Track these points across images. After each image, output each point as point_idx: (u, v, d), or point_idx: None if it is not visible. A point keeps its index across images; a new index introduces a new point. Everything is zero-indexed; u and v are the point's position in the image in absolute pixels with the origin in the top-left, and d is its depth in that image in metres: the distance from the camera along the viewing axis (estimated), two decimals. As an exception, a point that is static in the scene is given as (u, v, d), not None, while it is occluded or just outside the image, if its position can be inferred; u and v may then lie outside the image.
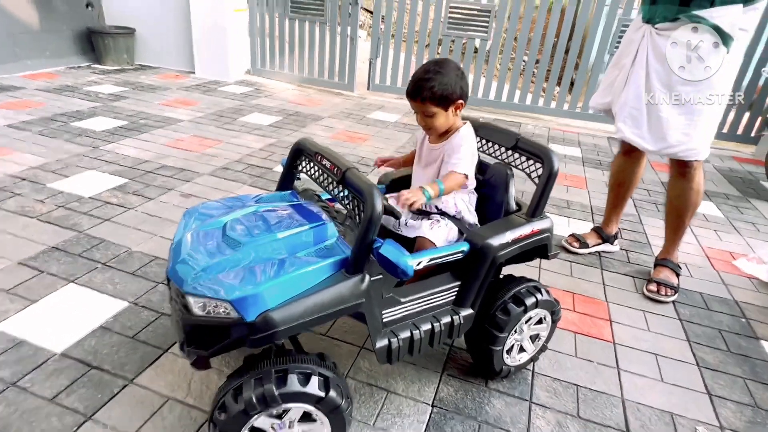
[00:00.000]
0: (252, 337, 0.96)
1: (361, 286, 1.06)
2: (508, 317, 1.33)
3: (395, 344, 1.18)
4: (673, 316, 1.90)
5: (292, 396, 0.99)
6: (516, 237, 1.31)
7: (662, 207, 2.96)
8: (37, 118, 3.35)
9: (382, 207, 1.02)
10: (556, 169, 1.34)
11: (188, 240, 1.13)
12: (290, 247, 1.09)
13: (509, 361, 1.44)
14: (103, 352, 1.43)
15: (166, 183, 2.56)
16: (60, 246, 1.91)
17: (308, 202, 1.29)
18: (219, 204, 1.28)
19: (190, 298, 0.99)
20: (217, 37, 4.96)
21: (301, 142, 1.31)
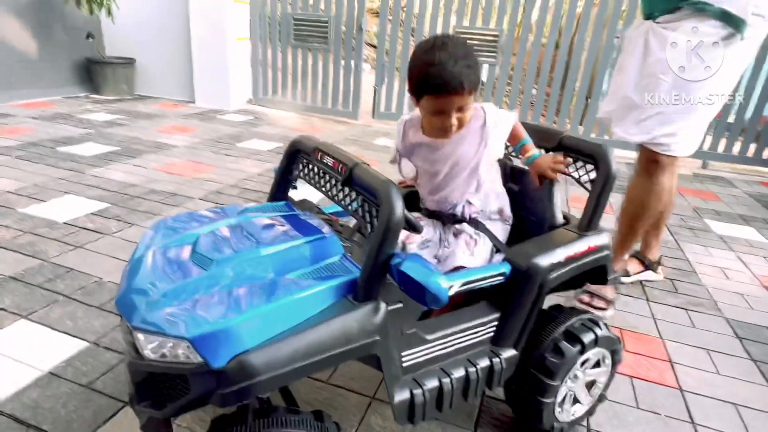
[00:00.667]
0: (221, 391, 0.67)
1: (375, 318, 0.78)
2: (562, 359, 1.03)
3: (419, 397, 0.88)
4: (743, 355, 1.59)
5: None
6: (569, 255, 1.03)
7: (699, 232, 2.69)
8: (21, 143, 3.14)
9: (402, 210, 0.75)
10: (615, 170, 1.08)
11: (148, 259, 0.86)
12: (279, 265, 0.82)
13: (561, 416, 1.13)
14: (46, 406, 1.13)
15: (152, 208, 2.31)
16: (18, 276, 1.64)
17: (306, 213, 1.03)
18: (194, 215, 1.02)
19: (140, 335, 0.71)
20: (218, 67, 4.84)
21: (297, 140, 1.06)
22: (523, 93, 4.58)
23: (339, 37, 4.72)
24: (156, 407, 0.73)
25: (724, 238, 2.63)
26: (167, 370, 0.69)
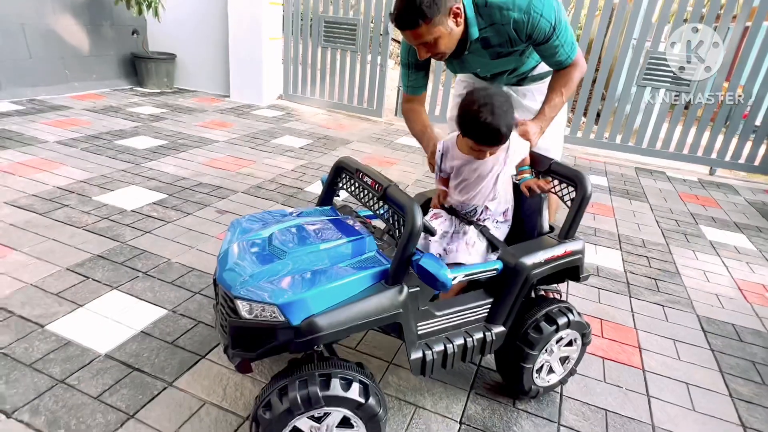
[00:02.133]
0: (296, 340, 1.01)
1: (400, 296, 1.10)
2: (541, 335, 1.35)
3: (429, 356, 1.21)
4: (705, 346, 1.88)
5: (334, 399, 1.03)
6: (549, 257, 1.34)
7: (692, 237, 2.94)
8: (84, 135, 3.54)
9: (422, 221, 1.07)
10: (590, 192, 1.37)
11: (235, 249, 1.19)
12: (332, 257, 1.15)
13: (539, 381, 1.45)
14: (144, 355, 1.49)
15: (202, 199, 2.67)
16: (104, 255, 2.01)
17: (347, 217, 1.35)
18: (263, 216, 1.35)
19: (239, 301, 1.04)
20: (252, 64, 5.18)
21: (342, 160, 1.38)
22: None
23: (366, 40, 5.00)
24: (247, 351, 1.07)
25: (713, 244, 2.88)
26: (261, 325, 1.02)
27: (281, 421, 1.02)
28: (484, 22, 1.44)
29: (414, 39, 1.39)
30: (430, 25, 1.33)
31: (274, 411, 1.01)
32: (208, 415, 1.31)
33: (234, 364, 1.10)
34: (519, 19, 1.40)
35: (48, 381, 1.36)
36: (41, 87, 4.56)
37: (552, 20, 1.42)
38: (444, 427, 1.36)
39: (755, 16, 4.10)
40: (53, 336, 1.53)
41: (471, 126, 1.28)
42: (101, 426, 1.23)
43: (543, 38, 1.45)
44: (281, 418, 1.01)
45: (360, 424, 1.08)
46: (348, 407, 1.05)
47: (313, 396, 1.01)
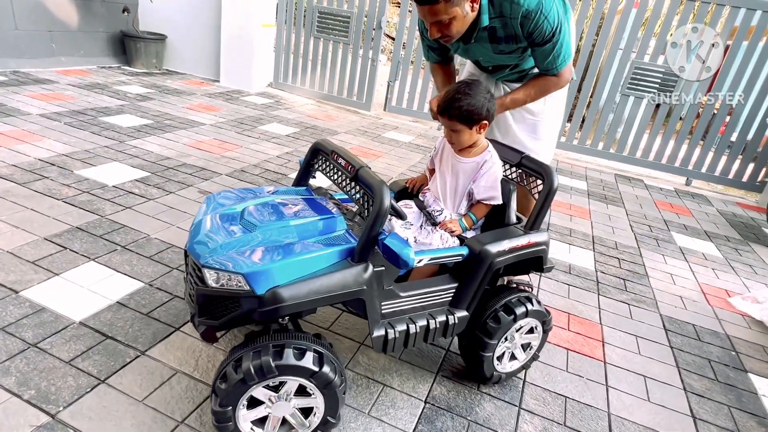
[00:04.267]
0: (260, 309, 1.04)
1: (364, 274, 1.14)
2: (498, 325, 1.40)
3: (391, 335, 1.25)
4: (665, 343, 1.96)
5: (288, 368, 1.06)
6: (513, 246, 1.39)
7: (662, 242, 3.04)
8: (68, 110, 3.51)
9: (389, 203, 1.11)
10: (556, 185, 1.43)
11: (207, 221, 1.22)
12: (301, 233, 1.18)
13: (500, 367, 1.50)
14: (118, 325, 1.51)
15: (186, 179, 2.68)
16: (83, 227, 2.02)
17: (321, 198, 1.39)
18: (238, 192, 1.38)
19: (206, 270, 1.07)
20: (243, 50, 5.17)
21: (319, 142, 1.41)
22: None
23: (359, 32, 5.03)
24: (213, 320, 1.10)
25: (683, 250, 2.98)
26: (226, 294, 1.05)
27: (237, 391, 1.05)
28: (494, 11, 1.49)
29: (430, 16, 1.43)
30: (449, 4, 1.39)
31: (230, 381, 1.04)
32: (179, 383, 1.33)
33: (199, 332, 1.14)
34: (526, 15, 1.45)
35: (20, 344, 1.37)
36: (26, 59, 4.49)
37: (554, 25, 1.47)
38: (409, 405, 1.41)
39: (735, 35, 4.24)
40: (27, 302, 1.54)
41: (444, 99, 1.41)
42: (72, 389, 1.25)
43: (541, 40, 1.50)
44: (236, 388, 1.04)
45: (317, 392, 1.11)
46: (302, 376, 1.08)
47: (266, 365, 1.04)
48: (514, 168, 1.57)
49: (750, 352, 1.99)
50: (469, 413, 1.42)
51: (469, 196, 1.51)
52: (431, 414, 1.39)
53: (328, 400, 1.13)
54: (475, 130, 1.43)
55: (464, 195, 1.52)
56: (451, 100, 1.39)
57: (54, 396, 1.22)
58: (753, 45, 4.16)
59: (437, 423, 1.36)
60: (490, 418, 1.41)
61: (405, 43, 5.03)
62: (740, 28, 4.17)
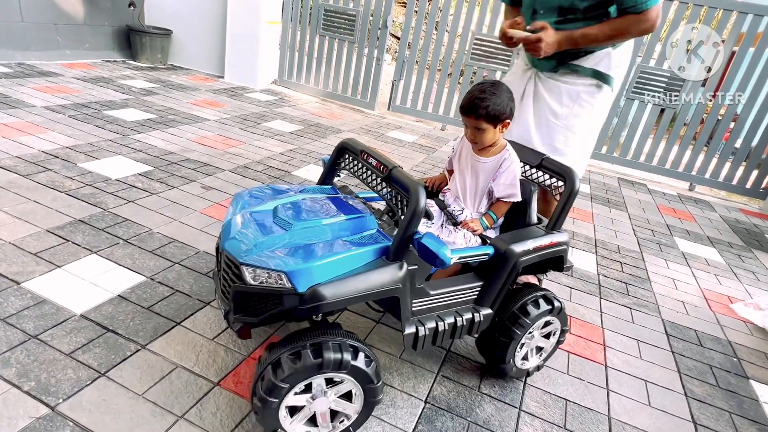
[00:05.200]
0: (301, 307, 1.04)
1: (400, 273, 1.15)
2: (538, 309, 1.43)
3: (422, 332, 1.26)
4: (666, 348, 1.95)
5: (357, 371, 1.10)
6: (536, 246, 1.41)
7: (665, 247, 3.03)
8: (72, 103, 3.51)
9: (425, 203, 1.11)
10: (578, 188, 1.44)
11: (239, 220, 1.21)
12: (335, 232, 1.19)
13: (517, 357, 1.50)
14: (119, 318, 1.51)
15: (189, 174, 2.67)
16: (86, 220, 2.01)
17: (347, 197, 1.39)
18: (266, 189, 1.37)
19: (245, 268, 1.06)
20: (248, 46, 5.17)
21: (346, 141, 1.41)
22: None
23: (365, 31, 5.02)
24: (250, 317, 1.10)
25: (685, 255, 2.97)
26: (267, 291, 1.05)
27: (306, 373, 1.05)
28: None
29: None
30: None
31: (305, 362, 1.04)
32: (179, 378, 1.33)
33: (235, 329, 1.13)
34: None
35: (21, 335, 1.36)
36: (31, 52, 4.49)
37: None
38: (409, 405, 1.40)
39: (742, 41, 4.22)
40: (29, 293, 1.53)
41: (468, 99, 1.41)
42: (72, 381, 1.25)
43: None
44: (308, 370, 1.05)
45: (360, 401, 1.14)
46: (361, 382, 1.12)
47: (345, 361, 1.06)
48: (535, 169, 1.58)
49: (752, 359, 1.98)
50: (469, 414, 1.41)
51: (488, 195, 1.53)
52: (431, 414, 1.38)
53: (364, 411, 1.18)
54: (499, 129, 1.45)
55: (484, 194, 1.53)
56: (477, 99, 1.40)
57: (54, 388, 1.22)
58: (759, 51, 4.14)
59: (437, 423, 1.36)
60: (490, 420, 1.41)
61: (410, 42, 5.03)
62: (747, 34, 4.16)
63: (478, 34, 4.75)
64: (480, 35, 4.75)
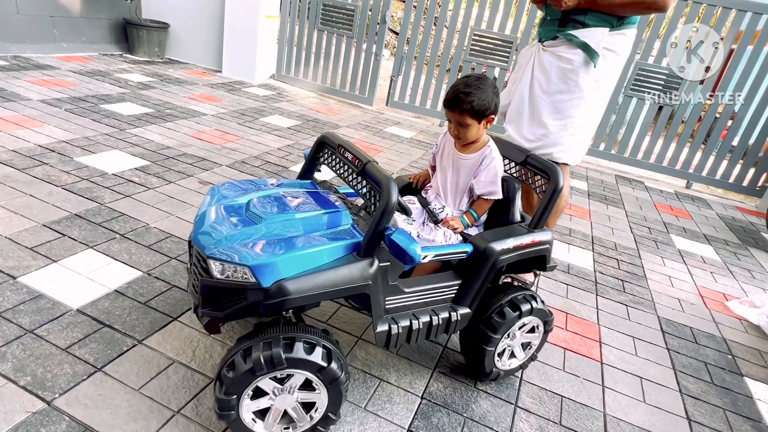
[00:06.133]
0: (265, 302, 1.03)
1: (370, 269, 1.14)
2: (504, 320, 1.40)
3: (395, 330, 1.24)
4: (662, 345, 1.96)
5: (297, 362, 1.05)
6: (517, 244, 1.39)
7: (661, 245, 3.04)
8: (69, 96, 3.49)
9: (397, 198, 1.11)
10: (561, 185, 1.42)
11: (212, 213, 1.21)
12: (307, 227, 1.17)
13: (499, 364, 1.50)
14: (116, 313, 1.51)
15: (186, 169, 2.66)
16: (82, 214, 2.01)
17: (326, 192, 1.38)
18: (243, 183, 1.37)
19: (211, 261, 1.06)
20: (246, 40, 5.14)
21: (325, 135, 1.40)
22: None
23: (363, 26, 5.00)
24: (217, 311, 1.10)
25: (682, 252, 2.98)
26: (231, 285, 1.05)
27: (244, 380, 1.04)
28: None
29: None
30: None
31: (238, 370, 1.03)
32: (175, 373, 1.33)
33: (202, 323, 1.12)
34: None
35: (17, 330, 1.36)
36: (27, 44, 4.46)
37: None
38: (406, 400, 1.40)
39: (740, 39, 4.22)
40: (25, 288, 1.53)
41: (453, 93, 1.41)
42: (68, 376, 1.25)
43: None
44: (244, 377, 1.03)
45: (321, 388, 1.11)
46: (310, 370, 1.08)
47: (276, 357, 1.03)
48: (519, 166, 1.56)
49: (746, 356, 2.00)
50: (465, 410, 1.42)
51: (470, 193, 1.51)
52: (427, 410, 1.39)
53: (332, 396, 1.13)
54: (483, 124, 1.44)
55: (465, 191, 1.52)
56: (461, 93, 1.38)
57: (50, 383, 1.22)
58: (757, 50, 4.15)
59: (433, 419, 1.36)
60: (486, 416, 1.41)
61: (409, 38, 5.01)
62: (745, 32, 4.16)
63: (477, 30, 4.74)
64: (479, 31, 4.74)
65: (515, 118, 1.99)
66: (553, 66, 1.85)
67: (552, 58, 1.85)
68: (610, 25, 1.78)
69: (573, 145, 1.92)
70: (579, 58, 1.80)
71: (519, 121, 1.97)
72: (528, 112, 1.93)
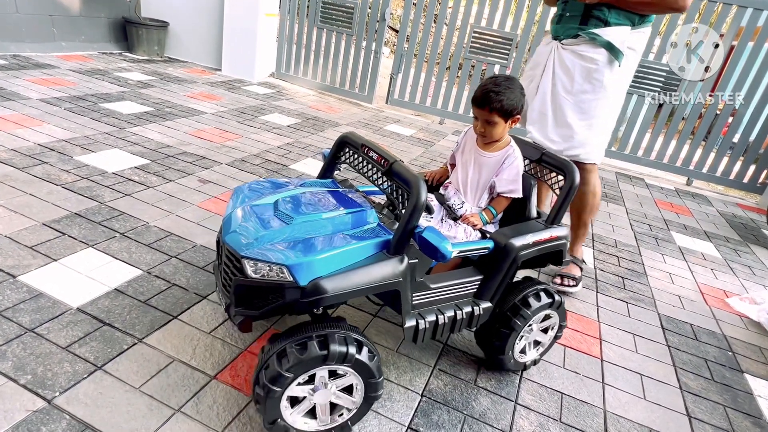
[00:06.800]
0: (302, 300, 1.04)
1: (400, 266, 1.15)
2: (539, 302, 1.44)
3: (422, 325, 1.26)
4: (662, 342, 1.96)
5: (360, 365, 1.10)
6: (536, 240, 1.41)
7: (662, 241, 3.04)
8: (68, 95, 3.49)
9: (426, 197, 1.11)
10: (577, 182, 1.44)
11: (239, 213, 1.21)
12: (336, 226, 1.18)
13: (513, 353, 1.51)
14: (116, 312, 1.51)
15: (185, 168, 2.66)
16: (82, 213, 2.01)
17: (348, 191, 1.38)
18: (266, 183, 1.37)
19: (246, 261, 1.06)
20: (246, 39, 5.13)
21: (347, 135, 1.40)
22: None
23: (363, 24, 4.99)
24: (251, 310, 1.09)
25: (682, 249, 2.98)
26: (268, 284, 1.04)
27: (311, 364, 1.06)
28: None
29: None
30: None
31: (310, 353, 1.04)
32: (176, 371, 1.33)
33: (235, 322, 1.12)
34: None
35: (17, 329, 1.36)
36: (27, 43, 4.46)
37: None
38: (406, 398, 1.41)
39: (741, 36, 4.21)
40: (25, 287, 1.53)
41: (483, 91, 1.43)
42: (68, 374, 1.25)
43: None
44: (313, 361, 1.05)
45: (360, 396, 1.15)
46: (364, 376, 1.13)
47: (350, 354, 1.07)
48: (535, 164, 1.59)
49: (746, 353, 2.00)
50: (465, 407, 1.42)
51: (490, 190, 1.54)
52: (427, 407, 1.39)
53: (363, 406, 1.19)
54: (509, 124, 1.46)
55: (486, 189, 1.55)
56: (492, 93, 1.40)
57: (50, 381, 1.22)
58: (758, 46, 4.13)
59: (433, 416, 1.36)
60: (486, 413, 1.41)
61: (409, 35, 5.00)
62: (746, 28, 4.14)
63: (477, 27, 4.73)
64: (479, 28, 4.73)
65: (538, 119, 1.99)
66: (576, 65, 1.84)
67: (574, 57, 1.85)
68: (631, 23, 1.78)
69: (598, 144, 1.95)
70: (603, 58, 1.80)
71: (543, 122, 1.97)
72: (551, 113, 1.93)
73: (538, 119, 1.99)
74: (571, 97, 1.87)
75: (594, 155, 1.99)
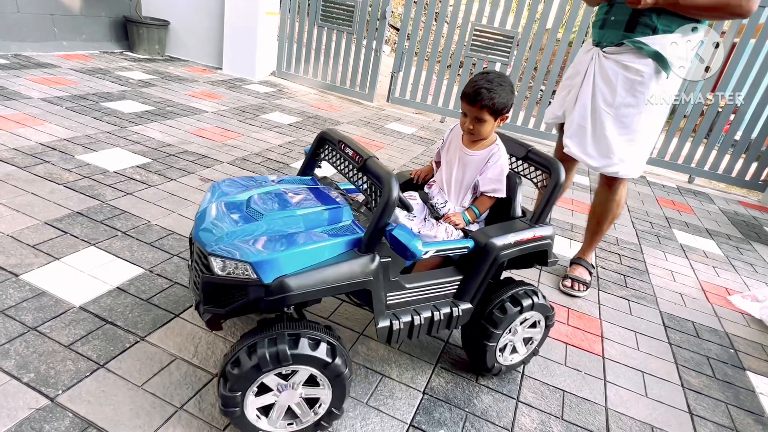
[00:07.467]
0: (266, 298, 1.03)
1: (371, 265, 1.14)
2: (505, 315, 1.40)
3: (396, 326, 1.24)
4: (664, 339, 1.96)
5: (303, 358, 1.05)
6: (518, 239, 1.39)
7: (663, 239, 3.03)
8: (70, 95, 3.49)
9: (398, 194, 1.10)
10: (562, 180, 1.42)
11: (213, 209, 1.21)
12: (308, 223, 1.17)
13: (501, 359, 1.50)
14: (118, 310, 1.51)
15: (187, 167, 2.67)
16: (84, 212, 2.01)
17: (327, 188, 1.38)
18: (243, 180, 1.37)
19: (213, 258, 1.06)
20: (246, 37, 5.13)
21: (325, 131, 1.40)
22: (532, 89, 4.87)
23: (363, 22, 4.99)
24: (218, 308, 1.10)
25: (684, 247, 2.98)
26: (233, 282, 1.04)
27: (249, 377, 1.04)
28: None
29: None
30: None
31: (243, 367, 1.03)
32: (178, 369, 1.33)
33: (204, 320, 1.13)
34: None
35: (20, 327, 1.37)
36: (28, 43, 4.46)
37: None
38: (408, 396, 1.41)
39: (743, 32, 4.20)
40: (27, 285, 1.53)
41: (473, 88, 1.40)
42: (71, 373, 1.25)
43: None
44: (249, 374, 1.03)
45: (326, 383, 1.11)
46: (315, 366, 1.08)
47: (282, 354, 1.03)
48: (520, 161, 1.56)
49: (748, 350, 1.99)
50: (467, 405, 1.42)
51: (473, 189, 1.51)
52: (429, 405, 1.39)
53: (336, 391, 1.13)
54: (498, 122, 1.44)
55: (470, 187, 1.52)
56: (483, 89, 1.37)
57: (53, 379, 1.22)
58: (760, 43, 4.12)
59: (435, 414, 1.36)
60: (487, 411, 1.42)
61: (409, 33, 5.00)
62: (748, 25, 4.13)
63: (477, 25, 4.72)
64: (480, 26, 4.72)
65: (577, 132, 1.90)
66: (619, 77, 1.75)
67: (617, 67, 1.75)
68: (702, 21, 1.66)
69: (638, 160, 1.87)
70: (649, 69, 1.70)
71: (582, 136, 1.88)
72: (591, 126, 1.84)
73: (577, 133, 1.89)
74: (612, 110, 1.77)
75: (633, 171, 1.91)
